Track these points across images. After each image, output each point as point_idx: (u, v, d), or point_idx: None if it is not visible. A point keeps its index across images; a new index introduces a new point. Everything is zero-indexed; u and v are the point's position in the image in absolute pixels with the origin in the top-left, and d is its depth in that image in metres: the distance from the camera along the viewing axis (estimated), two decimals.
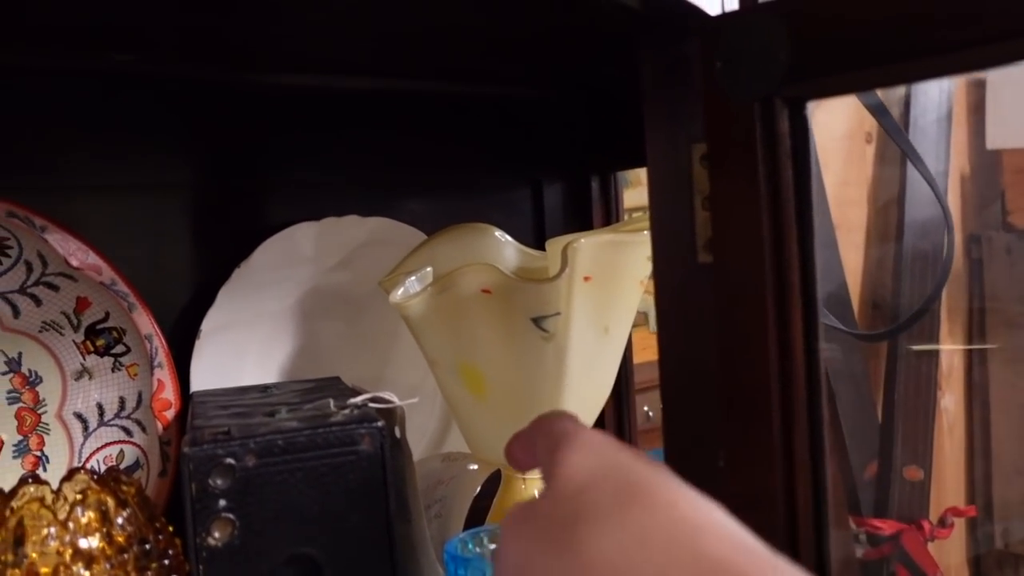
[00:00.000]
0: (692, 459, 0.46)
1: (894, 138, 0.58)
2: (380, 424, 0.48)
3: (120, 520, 0.42)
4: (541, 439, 0.36)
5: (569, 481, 0.30)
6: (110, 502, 0.42)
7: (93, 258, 0.59)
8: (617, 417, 0.88)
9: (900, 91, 1.30)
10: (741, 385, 0.43)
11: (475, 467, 0.64)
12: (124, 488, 0.43)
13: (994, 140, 1.47)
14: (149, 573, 0.42)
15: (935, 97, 1.40)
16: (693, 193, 0.44)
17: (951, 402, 1.47)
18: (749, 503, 0.43)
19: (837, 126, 1.36)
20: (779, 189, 0.41)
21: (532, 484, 0.64)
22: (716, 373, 0.44)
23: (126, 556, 0.41)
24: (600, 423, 0.87)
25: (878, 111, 0.52)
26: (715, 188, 0.43)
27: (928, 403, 1.38)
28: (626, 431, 0.89)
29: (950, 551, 1.40)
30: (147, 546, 0.42)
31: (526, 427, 0.39)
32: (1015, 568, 1.52)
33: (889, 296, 1.39)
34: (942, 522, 1.23)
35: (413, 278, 0.63)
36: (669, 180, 0.45)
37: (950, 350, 1.44)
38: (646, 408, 1.22)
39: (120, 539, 0.41)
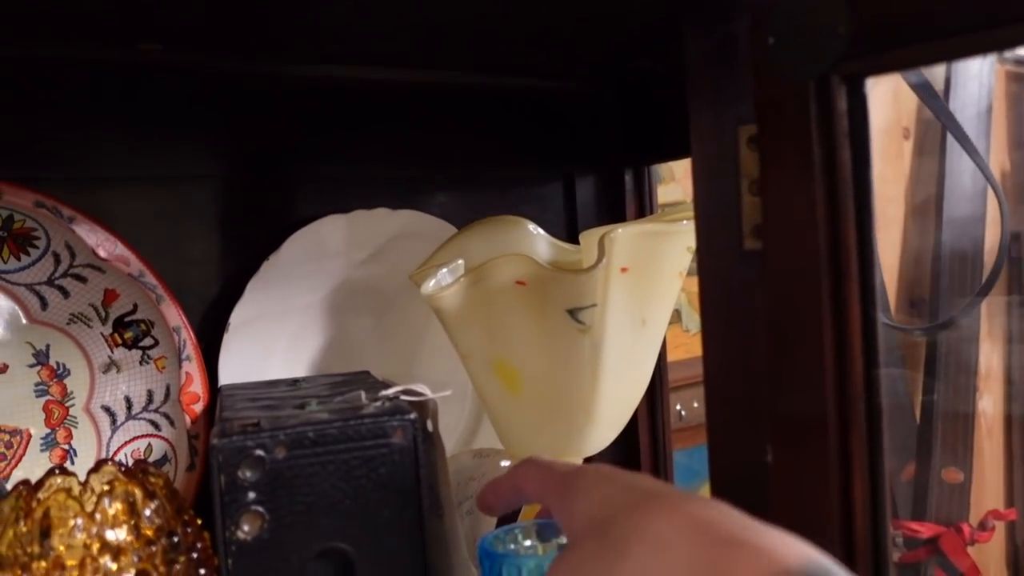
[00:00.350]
0: (737, 454, 0.44)
1: (948, 126, 0.55)
2: (413, 416, 0.47)
3: (148, 512, 0.41)
4: (536, 482, 0.39)
5: (591, 518, 0.34)
6: (138, 494, 0.41)
7: (121, 249, 0.58)
8: (650, 415, 0.86)
9: (939, 85, 1.27)
10: (793, 379, 0.41)
11: (507, 463, 0.63)
12: (152, 480, 0.42)
13: None
14: (177, 566, 0.41)
15: (974, 91, 1.37)
16: (740, 177, 0.42)
17: (989, 403, 1.44)
18: (799, 500, 0.41)
19: (874, 121, 1.33)
20: (836, 171, 0.39)
21: None
22: (765, 366, 0.42)
23: (154, 548, 0.40)
24: (633, 421, 0.85)
25: (927, 95, 0.50)
26: (765, 171, 0.41)
27: (967, 404, 1.34)
28: (659, 429, 0.87)
29: (990, 555, 1.36)
30: (175, 539, 0.41)
31: (504, 476, 0.42)
32: None
33: (927, 295, 1.36)
34: (983, 525, 1.19)
35: (445, 270, 0.62)
36: (714, 164, 0.43)
37: (988, 351, 1.40)
38: (678, 407, 1.20)
39: (148, 531, 0.40)
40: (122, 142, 0.62)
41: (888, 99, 1.38)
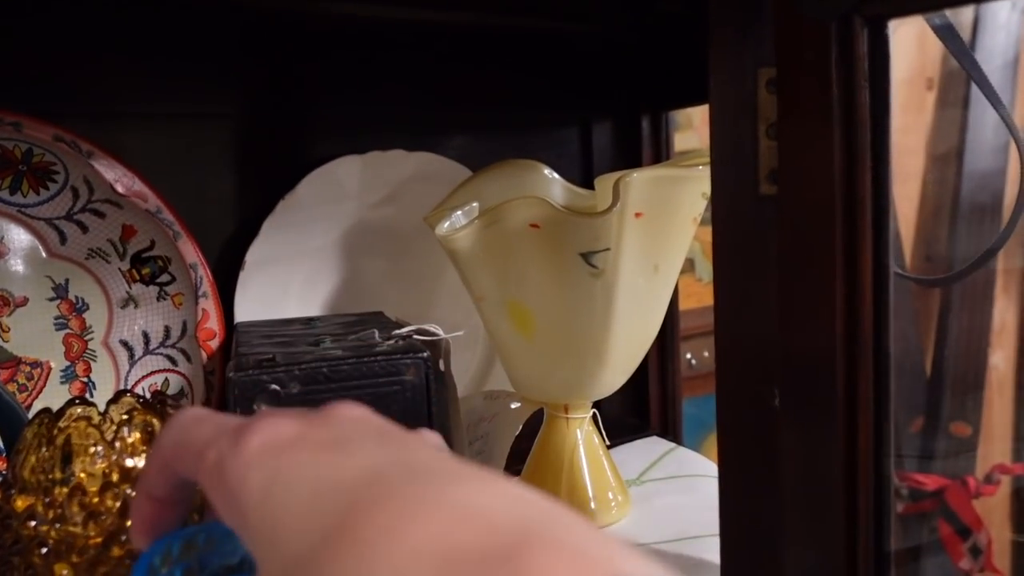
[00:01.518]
0: (746, 398, 0.44)
1: (970, 72, 0.54)
2: (425, 355, 0.47)
3: None
4: (190, 453, 0.25)
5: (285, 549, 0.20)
6: (156, 424, 0.42)
7: (139, 185, 0.59)
8: (661, 363, 0.87)
9: (965, 34, 1.25)
10: (803, 326, 0.41)
11: (518, 405, 0.64)
12: (170, 411, 0.43)
13: None
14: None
15: (1002, 41, 1.34)
16: (757, 120, 0.42)
17: (1001, 359, 1.43)
18: (806, 447, 0.42)
19: (898, 71, 1.31)
20: (854, 116, 0.38)
21: (575, 424, 0.63)
22: (776, 311, 0.42)
23: None
24: (643, 369, 0.86)
25: (950, 38, 0.49)
26: (783, 115, 0.41)
27: (979, 359, 1.34)
28: (668, 377, 0.88)
29: (995, 508, 1.38)
30: None
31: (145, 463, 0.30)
32: None
33: (943, 249, 1.35)
34: (988, 479, 1.20)
35: (459, 212, 0.62)
36: (732, 106, 0.43)
37: (1003, 306, 1.39)
38: (688, 355, 1.20)
39: None
40: (142, 78, 0.62)
41: (912, 48, 1.35)
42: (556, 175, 0.70)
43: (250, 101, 0.68)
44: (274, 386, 0.45)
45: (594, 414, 0.65)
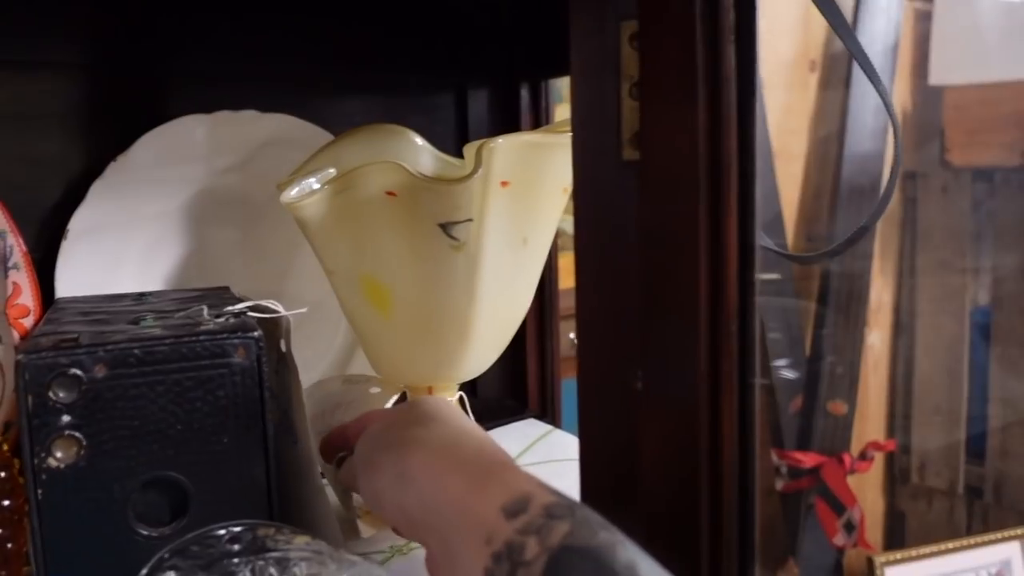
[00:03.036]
0: (607, 378, 0.41)
1: (847, 43, 0.52)
2: (257, 334, 0.42)
3: None
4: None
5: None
6: None
7: None
8: (539, 342, 0.84)
9: (848, 15, 1.26)
10: (666, 300, 0.38)
11: (377, 390, 0.59)
12: None
13: (937, 75, 1.44)
14: None
15: (882, 27, 1.36)
16: (620, 79, 0.39)
17: (877, 339, 1.47)
18: (668, 429, 0.39)
19: (780, 52, 1.31)
20: (719, 74, 0.35)
21: None
22: (638, 286, 0.39)
23: None
24: (521, 349, 0.83)
25: (829, 10, 0.47)
26: (646, 72, 0.37)
27: (856, 339, 1.37)
28: (548, 358, 0.85)
29: (868, 484, 1.42)
30: None
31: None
32: (928, 501, 1.55)
33: (824, 230, 1.37)
34: (863, 455, 1.23)
35: (312, 179, 0.57)
36: (593, 63, 0.39)
37: (879, 287, 1.43)
38: (571, 335, 1.18)
39: None
40: None
41: (796, 29, 1.36)
42: (426, 142, 0.65)
43: (81, 50, 0.61)
44: (74, 370, 0.39)
45: (461, 397, 0.61)
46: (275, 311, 0.46)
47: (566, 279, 0.89)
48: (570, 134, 0.53)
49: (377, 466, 0.38)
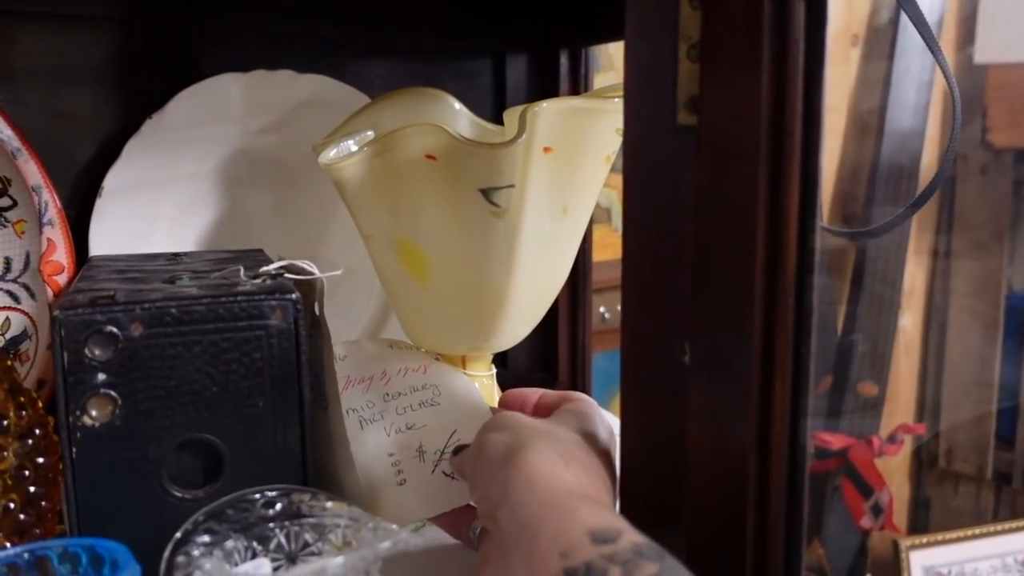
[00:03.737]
0: (653, 352, 0.40)
1: (912, 18, 0.50)
2: (295, 296, 0.41)
3: None
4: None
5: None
6: None
7: None
8: (571, 315, 0.83)
9: None
10: (719, 271, 0.37)
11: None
12: None
13: (983, 53, 1.40)
14: (6, 453, 0.35)
15: (926, 2, 1.32)
16: (678, 39, 0.37)
17: (910, 321, 1.45)
18: (716, 407, 0.38)
19: None
20: (787, 38, 0.34)
21: (473, 379, 0.58)
22: (691, 256, 0.37)
23: None
24: (553, 321, 0.81)
25: None
26: (707, 32, 0.36)
27: (889, 320, 1.35)
28: (579, 330, 0.83)
29: (896, 467, 1.40)
30: (4, 422, 0.35)
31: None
32: (955, 485, 1.53)
33: (860, 209, 1.34)
34: (892, 438, 1.21)
35: (350, 141, 0.56)
36: (651, 21, 0.38)
37: (913, 268, 1.40)
38: (602, 309, 1.17)
39: None
40: None
41: (839, 3, 1.33)
42: (463, 107, 0.63)
43: (117, 3, 0.59)
44: (110, 328, 0.38)
45: (491, 373, 0.60)
46: (311, 272, 0.45)
47: (598, 252, 0.88)
48: (616, 100, 0.52)
49: (491, 442, 0.38)
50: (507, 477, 0.36)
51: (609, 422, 0.44)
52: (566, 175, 0.52)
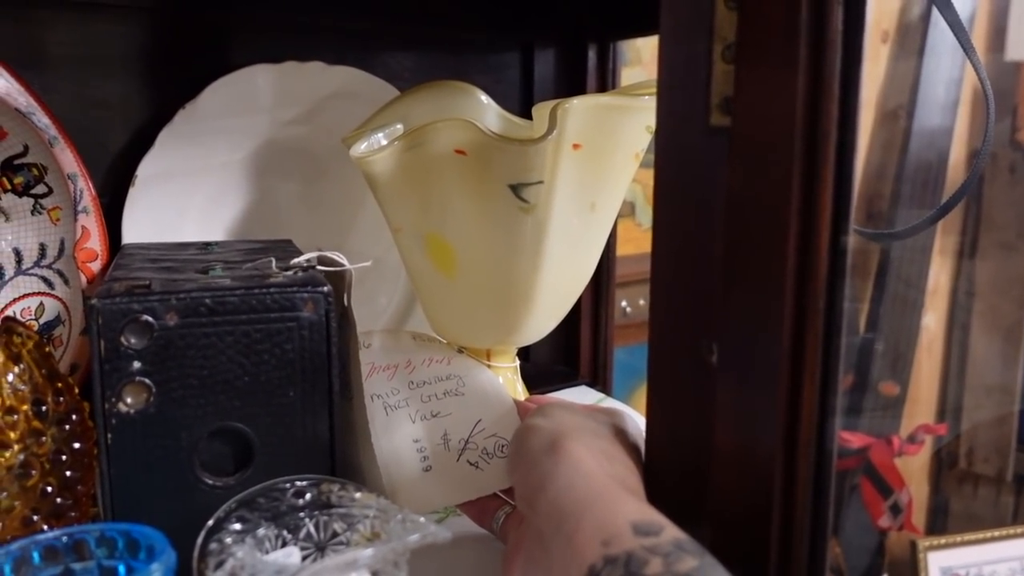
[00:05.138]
0: (680, 352, 0.40)
1: (946, 17, 0.50)
2: (326, 289, 0.42)
3: (10, 377, 0.36)
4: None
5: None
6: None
7: (9, 81, 0.51)
8: (594, 309, 0.83)
9: None
10: (750, 272, 0.37)
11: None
12: (16, 340, 0.37)
13: (1016, 50, 1.39)
14: (45, 438, 0.36)
15: None
16: (713, 39, 0.37)
17: (933, 320, 1.44)
18: (743, 408, 0.38)
19: None
20: (824, 40, 0.33)
21: (496, 373, 0.59)
22: (721, 257, 0.38)
23: (15, 418, 0.35)
24: (575, 315, 0.82)
25: None
26: (743, 34, 0.35)
27: (912, 319, 1.34)
28: (602, 324, 0.84)
29: (915, 468, 1.39)
30: (43, 408, 0.36)
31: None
32: (974, 486, 1.51)
33: (886, 207, 1.33)
34: (912, 438, 1.21)
35: (380, 134, 0.56)
36: (686, 21, 0.38)
37: (938, 267, 1.39)
38: (623, 303, 1.17)
39: (9, 400, 0.35)
40: None
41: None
42: (491, 101, 0.64)
43: None
44: (146, 317, 0.39)
45: (514, 366, 0.60)
46: (341, 264, 0.45)
47: (621, 246, 0.88)
48: (645, 98, 0.52)
49: (537, 429, 0.39)
50: (551, 465, 0.37)
51: (636, 423, 0.44)
52: (595, 172, 0.52)
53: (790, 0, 0.34)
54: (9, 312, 0.54)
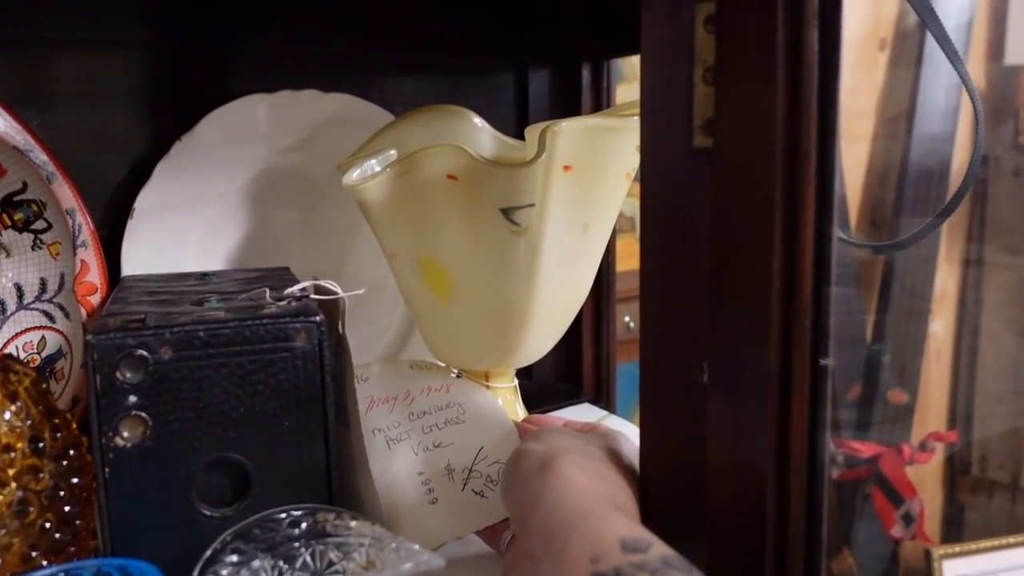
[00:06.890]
0: (671, 371, 0.40)
1: (929, 26, 0.50)
2: (319, 319, 0.42)
3: (7, 416, 0.36)
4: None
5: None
6: None
7: (7, 120, 0.52)
8: (595, 326, 0.83)
9: None
10: (736, 292, 0.37)
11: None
12: (13, 379, 0.37)
13: (1015, 55, 1.38)
14: (42, 474, 0.36)
15: (957, 2, 1.31)
16: (694, 63, 0.37)
17: (940, 327, 1.43)
18: (734, 425, 0.38)
19: (850, 30, 1.27)
20: (801, 61, 0.34)
21: (495, 394, 0.59)
22: (708, 277, 0.38)
23: (12, 455, 0.35)
24: (577, 332, 0.82)
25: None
26: (722, 57, 0.36)
27: (919, 326, 1.33)
28: (604, 340, 0.84)
29: (927, 475, 1.38)
30: (40, 444, 0.37)
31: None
32: (989, 494, 1.49)
33: (889, 215, 1.33)
34: (923, 446, 1.20)
35: (374, 160, 0.57)
36: (666, 46, 0.38)
37: (944, 273, 1.38)
38: (627, 318, 1.17)
39: (6, 437, 0.36)
40: None
41: (867, 6, 1.31)
42: (486, 124, 0.64)
43: (145, 28, 0.61)
44: (141, 351, 0.39)
45: (513, 386, 0.61)
46: (334, 292, 0.46)
47: (622, 261, 0.88)
48: (634, 118, 0.52)
49: (529, 452, 0.40)
50: (541, 484, 0.37)
51: (633, 444, 0.45)
52: (586, 193, 0.53)
53: (766, 21, 0.34)
54: (12, 346, 0.55)
